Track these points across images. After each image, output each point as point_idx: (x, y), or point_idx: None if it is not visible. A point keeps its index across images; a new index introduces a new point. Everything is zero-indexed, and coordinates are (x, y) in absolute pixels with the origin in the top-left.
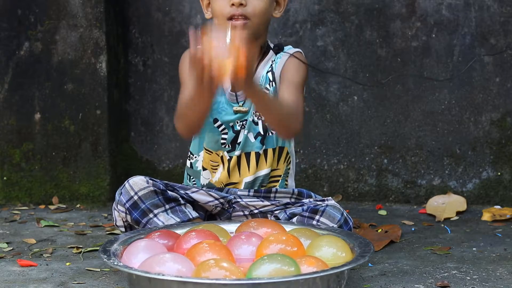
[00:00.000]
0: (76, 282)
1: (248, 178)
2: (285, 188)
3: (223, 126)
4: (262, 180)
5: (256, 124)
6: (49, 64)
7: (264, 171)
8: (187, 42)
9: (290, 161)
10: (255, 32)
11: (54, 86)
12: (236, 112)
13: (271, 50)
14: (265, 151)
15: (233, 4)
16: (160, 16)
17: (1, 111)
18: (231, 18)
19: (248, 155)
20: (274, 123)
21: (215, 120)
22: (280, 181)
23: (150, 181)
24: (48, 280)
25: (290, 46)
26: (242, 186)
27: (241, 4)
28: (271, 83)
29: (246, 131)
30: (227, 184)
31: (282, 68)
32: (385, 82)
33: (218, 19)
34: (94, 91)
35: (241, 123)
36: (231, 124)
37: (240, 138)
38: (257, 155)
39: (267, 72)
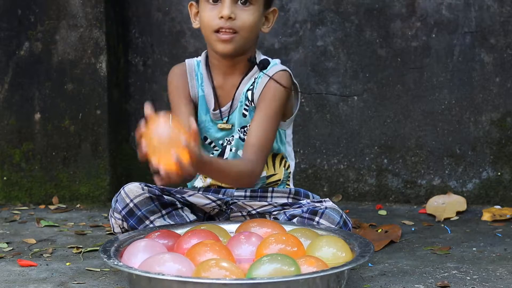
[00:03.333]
0: (76, 282)
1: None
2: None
3: (213, 144)
4: (258, 184)
5: (243, 140)
6: (49, 64)
7: None
8: (187, 42)
9: (289, 165)
10: (243, 46)
11: (54, 86)
12: (220, 129)
13: (255, 67)
14: None
15: (221, 17)
16: (160, 16)
17: (1, 111)
18: (218, 31)
19: None
20: (227, 182)
21: (205, 138)
22: (280, 185)
23: (146, 188)
24: (48, 280)
25: (276, 62)
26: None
27: (229, 18)
28: (249, 102)
29: (234, 148)
30: (220, 186)
31: (260, 92)
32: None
33: (205, 30)
34: (94, 91)
35: (227, 140)
36: (220, 141)
37: (226, 154)
38: None
39: (248, 90)
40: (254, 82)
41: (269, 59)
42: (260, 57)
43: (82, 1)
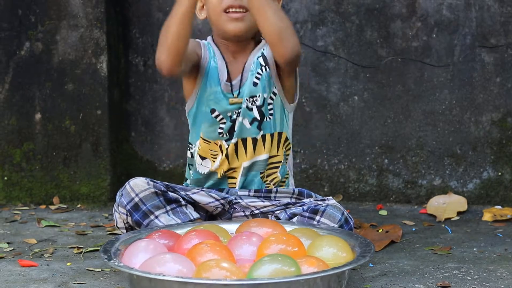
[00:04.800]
0: (76, 282)
1: (246, 163)
2: (286, 177)
3: (220, 116)
4: (261, 166)
5: (251, 110)
6: (49, 64)
7: (262, 156)
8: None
9: (290, 148)
10: (253, 26)
11: (55, 86)
12: (232, 103)
13: (263, 40)
14: (263, 137)
15: None
16: (161, 16)
17: (1, 111)
18: (227, 10)
19: (244, 141)
20: (273, 29)
21: (213, 111)
22: (280, 167)
23: (151, 183)
24: (49, 280)
25: None
26: (240, 172)
27: None
28: (263, 67)
29: (241, 118)
30: (226, 171)
31: None
32: (383, 62)
33: (214, 12)
34: (95, 91)
35: (237, 111)
36: (228, 113)
37: (237, 127)
38: (254, 140)
39: (258, 58)
40: (262, 51)
41: None
42: None
43: (83, 1)
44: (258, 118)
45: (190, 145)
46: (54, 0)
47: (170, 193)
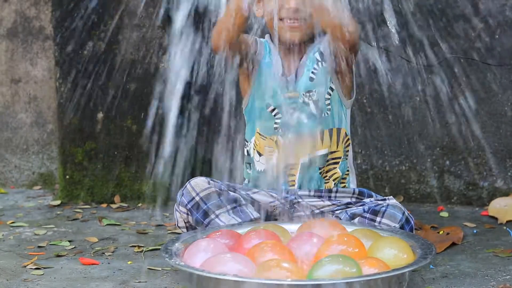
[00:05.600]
0: (137, 281)
1: (304, 159)
2: (346, 174)
3: (276, 111)
4: (320, 162)
5: (307, 105)
6: (112, 63)
7: (321, 151)
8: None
9: (349, 144)
10: (310, 29)
11: (117, 85)
12: (287, 97)
13: (318, 35)
14: (322, 132)
15: (289, 8)
16: None
17: (64, 110)
18: (282, 19)
19: (302, 136)
20: (334, 21)
21: (268, 105)
22: (340, 163)
23: (212, 182)
24: (110, 278)
25: None
26: (299, 168)
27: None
28: (319, 63)
29: (297, 113)
30: (284, 167)
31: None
32: (440, 61)
33: (270, 19)
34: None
35: (293, 106)
36: (284, 108)
37: (293, 121)
38: (312, 135)
39: (314, 53)
40: (318, 46)
41: None
42: None
43: (145, 1)
44: (315, 112)
45: (246, 143)
46: (117, 0)
47: (231, 193)
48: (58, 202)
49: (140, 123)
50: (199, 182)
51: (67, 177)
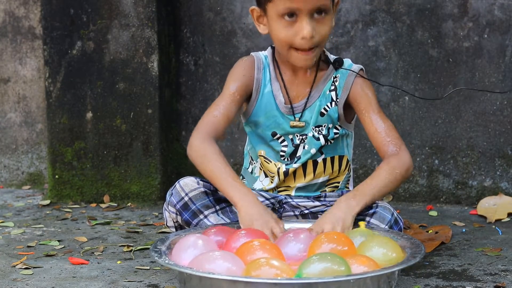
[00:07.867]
0: (127, 281)
1: (301, 184)
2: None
3: (282, 138)
4: (317, 187)
5: (318, 139)
6: (101, 63)
7: (321, 179)
8: (238, 42)
9: (350, 169)
10: (320, 53)
11: (106, 85)
12: (293, 127)
13: (330, 65)
14: (324, 160)
15: (302, 37)
16: (212, 16)
17: (53, 110)
18: (296, 48)
19: (305, 164)
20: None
21: (274, 134)
22: (339, 187)
23: (201, 182)
24: (99, 278)
25: (349, 60)
26: (293, 191)
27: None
28: (332, 103)
29: (307, 146)
30: (279, 190)
31: (351, 90)
32: (445, 96)
33: (281, 45)
34: (146, 90)
35: (300, 136)
36: (290, 137)
37: (299, 152)
38: (315, 163)
39: (330, 91)
40: (333, 82)
41: (341, 58)
42: (330, 56)
43: (134, 0)
44: (323, 143)
45: (252, 161)
46: (106, 0)
47: (220, 193)
48: (48, 201)
49: (129, 123)
50: (188, 182)
51: (57, 176)
